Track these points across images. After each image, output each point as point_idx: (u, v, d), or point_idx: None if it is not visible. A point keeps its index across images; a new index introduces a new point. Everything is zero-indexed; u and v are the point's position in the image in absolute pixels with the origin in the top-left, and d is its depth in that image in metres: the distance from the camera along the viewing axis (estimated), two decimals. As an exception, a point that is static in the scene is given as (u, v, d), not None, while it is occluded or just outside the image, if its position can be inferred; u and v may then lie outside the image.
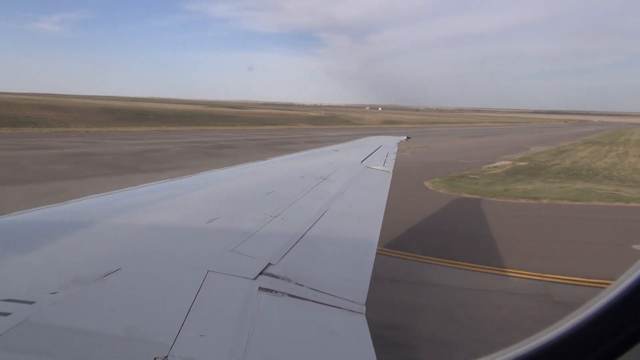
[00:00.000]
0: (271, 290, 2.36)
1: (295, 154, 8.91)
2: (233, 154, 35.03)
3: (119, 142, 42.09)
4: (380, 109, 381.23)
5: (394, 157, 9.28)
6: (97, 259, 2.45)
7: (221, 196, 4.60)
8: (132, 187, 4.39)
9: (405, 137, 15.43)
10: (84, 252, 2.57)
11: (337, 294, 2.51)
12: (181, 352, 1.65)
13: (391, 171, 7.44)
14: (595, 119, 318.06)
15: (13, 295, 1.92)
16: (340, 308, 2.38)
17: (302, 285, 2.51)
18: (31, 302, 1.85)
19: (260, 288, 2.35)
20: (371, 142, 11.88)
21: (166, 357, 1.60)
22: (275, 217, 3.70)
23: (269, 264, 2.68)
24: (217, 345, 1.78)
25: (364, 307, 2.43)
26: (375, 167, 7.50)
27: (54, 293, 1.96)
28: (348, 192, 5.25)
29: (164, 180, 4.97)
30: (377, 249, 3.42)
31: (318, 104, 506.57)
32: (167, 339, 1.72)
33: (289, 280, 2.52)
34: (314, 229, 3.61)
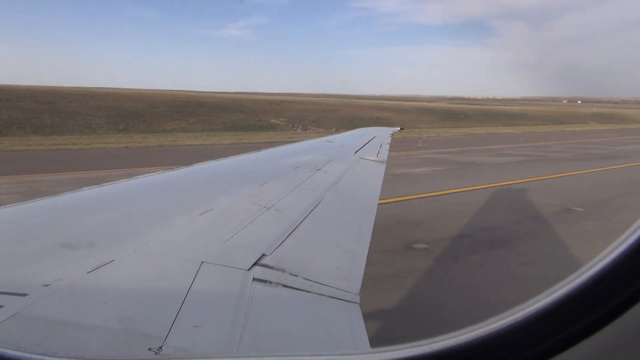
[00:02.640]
0: (265, 281, 2.37)
1: (289, 145, 8.91)
2: None
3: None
4: (579, 102, 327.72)
5: (388, 148, 9.39)
6: (90, 250, 2.44)
7: (214, 187, 4.62)
8: (125, 179, 4.38)
9: (399, 128, 15.89)
10: (77, 243, 2.56)
11: (332, 284, 2.52)
12: (175, 343, 1.66)
13: (385, 162, 7.52)
14: None
15: (5, 287, 1.91)
16: (334, 298, 2.40)
17: (296, 275, 2.52)
18: (24, 295, 1.84)
19: (254, 279, 2.36)
20: (365, 133, 12.05)
21: (160, 347, 1.61)
22: (269, 208, 3.71)
23: (263, 254, 2.69)
24: (212, 336, 1.80)
25: (358, 297, 2.45)
26: (369, 158, 7.56)
27: (46, 285, 1.95)
28: (342, 183, 5.25)
29: (156, 172, 4.97)
30: None
31: (490, 97, 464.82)
32: (161, 330, 1.72)
33: (283, 271, 2.53)
34: (308, 219, 3.62)
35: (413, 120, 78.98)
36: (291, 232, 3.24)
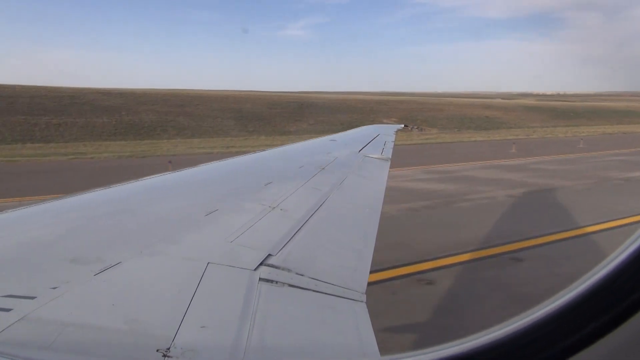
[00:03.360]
0: (272, 281, 2.36)
1: (293, 145, 8.87)
2: None
3: None
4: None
5: (392, 146, 9.25)
6: (97, 253, 2.43)
7: (219, 188, 4.57)
8: (130, 181, 4.38)
9: (403, 126, 15.53)
10: (84, 246, 2.56)
11: (338, 283, 2.52)
12: (183, 343, 1.66)
13: (389, 159, 7.41)
14: None
15: (14, 290, 1.92)
16: (341, 297, 2.40)
17: (302, 275, 2.51)
18: (32, 297, 1.85)
19: (260, 279, 2.36)
20: (368, 131, 11.81)
21: (168, 349, 1.61)
22: (274, 207, 3.69)
23: (269, 254, 2.68)
24: (219, 336, 1.79)
25: (365, 296, 2.45)
26: (373, 156, 7.43)
27: (54, 288, 1.95)
28: (346, 182, 5.22)
29: (161, 174, 4.98)
30: None
31: (561, 93, 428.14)
32: (168, 331, 1.73)
33: (289, 271, 2.52)
34: (313, 218, 3.61)
35: (523, 118, 75.85)
36: (297, 231, 3.23)
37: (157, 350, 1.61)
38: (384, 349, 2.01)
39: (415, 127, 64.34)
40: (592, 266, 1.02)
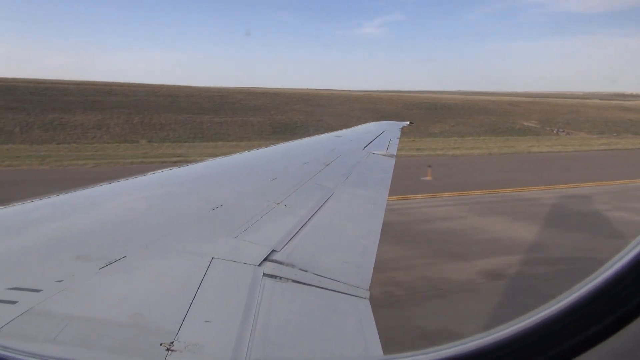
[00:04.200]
0: (275, 276, 2.37)
1: (298, 141, 8.70)
2: None
3: None
4: None
5: (397, 143, 9.16)
6: (102, 247, 2.44)
7: (225, 183, 4.58)
8: (136, 176, 4.39)
9: (408, 123, 15.30)
10: (90, 240, 2.57)
11: (341, 279, 2.53)
12: (187, 337, 1.66)
13: (394, 156, 7.37)
14: None
15: (20, 283, 1.92)
16: (344, 293, 2.40)
17: (306, 271, 2.52)
18: (38, 290, 1.85)
19: (264, 274, 2.36)
20: (374, 128, 11.66)
21: (172, 343, 1.61)
22: (279, 203, 3.70)
23: (273, 250, 2.69)
24: (223, 331, 1.79)
25: (368, 292, 2.45)
26: (378, 153, 7.43)
27: (60, 281, 1.96)
28: (351, 178, 5.26)
29: (166, 169, 4.99)
30: None
31: None
32: (172, 325, 1.73)
33: (293, 266, 2.53)
34: (318, 215, 3.62)
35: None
36: (301, 227, 3.23)
37: (161, 344, 1.60)
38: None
39: (561, 130, 60.02)
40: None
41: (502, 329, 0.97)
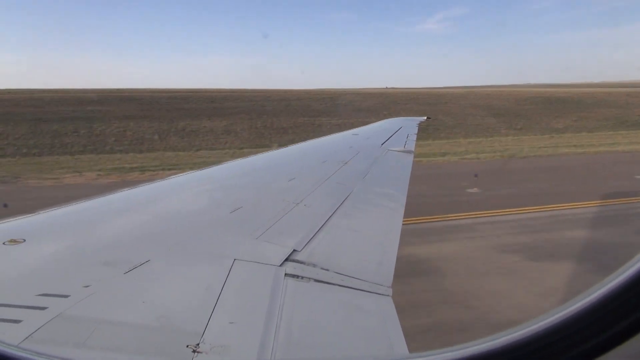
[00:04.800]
0: (297, 276, 2.37)
1: (316, 140, 8.72)
2: None
3: None
4: None
5: (415, 139, 9.12)
6: (127, 252, 2.47)
7: (244, 185, 4.61)
8: (157, 180, 4.50)
9: (425, 118, 14.90)
10: (114, 246, 2.60)
11: (363, 277, 2.52)
12: (212, 339, 1.68)
13: (412, 152, 7.37)
14: None
15: (48, 289, 1.95)
16: (366, 291, 2.39)
17: (327, 270, 2.52)
18: (66, 296, 1.88)
19: (286, 274, 2.37)
20: (390, 124, 11.68)
21: (198, 344, 1.63)
22: (299, 203, 3.70)
23: (294, 250, 2.70)
24: (247, 332, 1.81)
25: (391, 289, 2.43)
26: (396, 149, 7.39)
27: (87, 286, 1.99)
28: (370, 176, 5.23)
29: (187, 172, 5.09)
30: None
31: None
32: (198, 327, 1.75)
33: (314, 266, 2.53)
34: (337, 213, 3.62)
35: None
36: (321, 226, 3.23)
37: (187, 346, 1.61)
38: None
39: None
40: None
41: (514, 330, 0.96)
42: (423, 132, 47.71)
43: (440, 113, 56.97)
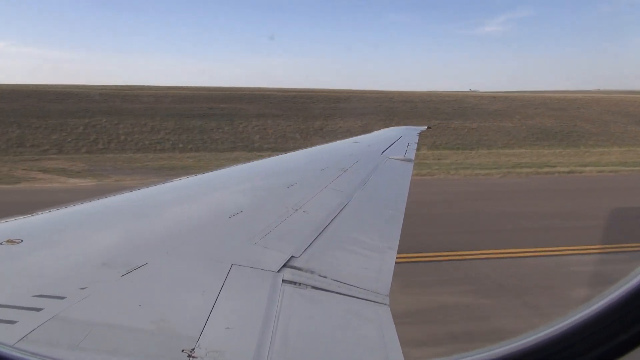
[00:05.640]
0: (295, 283, 2.38)
1: (316, 147, 8.77)
2: None
3: None
4: None
5: (415, 147, 9.18)
6: (124, 254, 2.47)
7: (243, 190, 4.59)
8: (155, 184, 4.48)
9: (426, 127, 15.50)
10: (112, 248, 2.60)
11: (361, 285, 2.52)
12: (208, 344, 1.67)
13: (412, 161, 7.42)
14: None
15: (44, 290, 1.95)
16: (364, 299, 2.40)
17: (325, 277, 2.52)
18: (62, 298, 1.88)
19: (284, 280, 2.37)
20: (391, 133, 11.80)
21: (193, 349, 1.63)
22: (297, 209, 3.69)
23: (292, 256, 2.70)
24: (243, 337, 1.81)
25: (388, 298, 2.44)
26: (396, 158, 7.39)
27: (83, 288, 1.99)
28: (369, 184, 5.23)
29: (185, 176, 5.06)
30: None
31: None
32: (193, 332, 1.75)
33: (312, 272, 2.53)
34: (336, 220, 3.62)
35: None
36: (319, 233, 3.23)
37: (182, 351, 1.61)
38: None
39: None
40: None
41: (526, 336, 0.96)
42: (562, 139, 45.02)
43: (577, 119, 53.77)
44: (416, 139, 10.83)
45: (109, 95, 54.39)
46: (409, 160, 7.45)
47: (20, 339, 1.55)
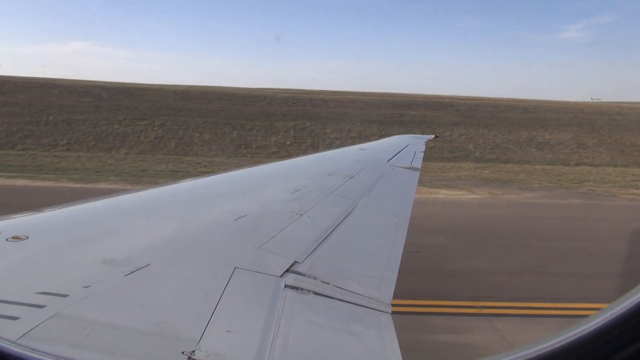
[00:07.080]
0: (297, 288, 2.36)
1: (322, 153, 9.07)
2: None
3: None
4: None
5: (422, 156, 9.17)
6: (128, 254, 2.46)
7: (248, 194, 4.60)
8: (161, 185, 4.53)
9: (434, 136, 15.73)
10: (116, 248, 2.60)
11: (363, 293, 2.51)
12: (208, 347, 1.67)
13: (419, 169, 7.38)
14: None
15: (48, 288, 1.95)
16: (366, 307, 2.38)
17: (328, 283, 2.50)
18: (65, 295, 1.88)
19: (286, 285, 2.36)
20: (398, 141, 11.72)
21: (193, 351, 1.62)
22: (302, 215, 3.69)
23: (295, 261, 2.68)
24: (244, 341, 1.80)
25: (390, 307, 2.42)
26: (402, 166, 7.40)
27: (86, 287, 1.99)
28: (375, 191, 5.22)
29: (191, 179, 5.12)
30: None
31: None
32: (194, 334, 1.74)
33: (315, 278, 2.52)
34: (341, 227, 3.60)
35: None
36: (324, 239, 3.21)
37: (183, 352, 1.61)
38: None
39: None
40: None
41: (524, 349, 0.95)
42: None
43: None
44: (423, 148, 10.84)
45: (297, 100, 54.91)
46: (415, 169, 7.43)
47: (22, 336, 1.54)
